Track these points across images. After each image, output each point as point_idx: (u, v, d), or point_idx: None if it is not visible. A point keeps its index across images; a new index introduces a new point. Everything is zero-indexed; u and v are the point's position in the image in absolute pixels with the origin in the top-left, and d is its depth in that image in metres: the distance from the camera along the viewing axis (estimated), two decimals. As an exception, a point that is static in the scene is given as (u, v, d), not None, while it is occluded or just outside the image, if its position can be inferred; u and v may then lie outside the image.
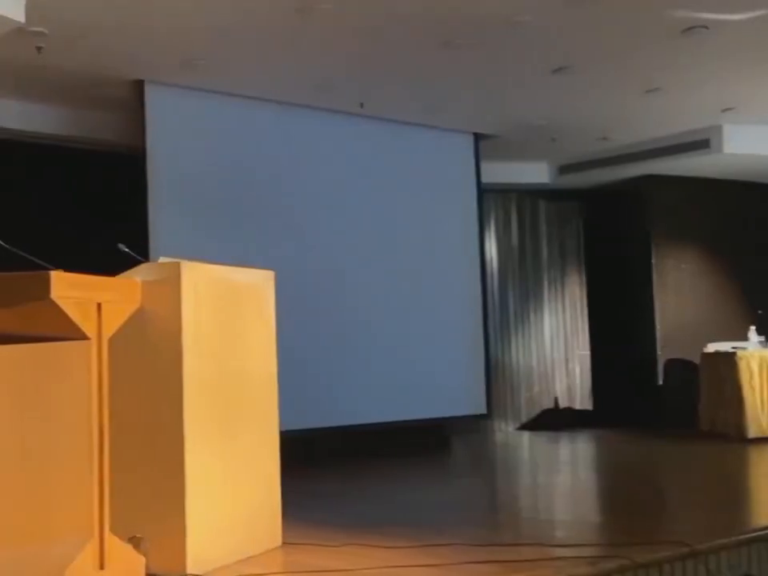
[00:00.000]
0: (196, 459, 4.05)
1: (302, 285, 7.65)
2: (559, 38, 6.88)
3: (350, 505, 5.97)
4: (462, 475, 7.80)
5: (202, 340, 4.15)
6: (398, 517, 5.42)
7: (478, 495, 6.61)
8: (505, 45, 6.97)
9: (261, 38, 6.71)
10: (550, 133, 9.51)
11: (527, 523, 5.39)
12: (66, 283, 3.48)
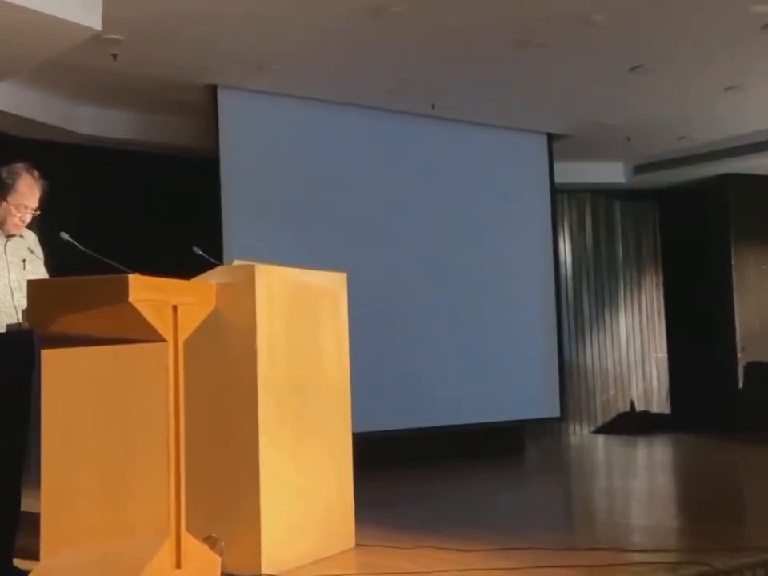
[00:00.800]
0: (270, 460, 4.09)
1: (374, 286, 7.67)
2: (636, 36, 6.79)
3: (424, 507, 5.97)
4: (536, 478, 7.76)
5: (276, 342, 4.20)
6: (472, 519, 5.42)
7: (553, 498, 6.57)
8: (580, 43, 6.90)
9: (334, 41, 6.76)
10: (625, 132, 9.38)
11: (603, 527, 5.35)
12: (144, 286, 3.56)
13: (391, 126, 8.54)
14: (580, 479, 7.86)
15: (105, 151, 8.33)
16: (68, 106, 7.87)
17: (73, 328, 3.61)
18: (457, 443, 8.65)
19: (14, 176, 4.00)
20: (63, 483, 3.64)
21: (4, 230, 4.01)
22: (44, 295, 3.66)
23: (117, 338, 3.63)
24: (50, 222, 4.16)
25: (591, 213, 11.27)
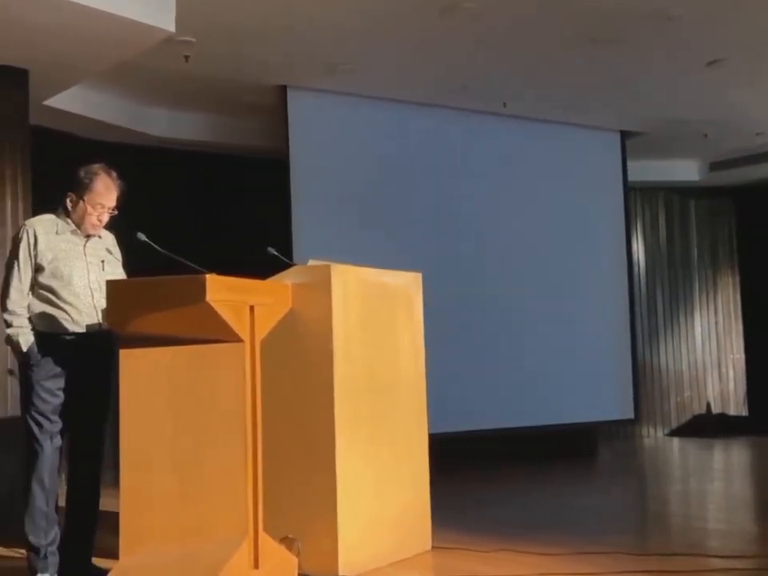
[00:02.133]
0: (347, 461, 4.09)
1: (445, 286, 7.62)
2: (714, 30, 6.66)
3: (499, 509, 5.94)
4: (610, 481, 7.66)
5: (352, 342, 4.20)
6: (547, 522, 5.37)
7: (628, 502, 6.49)
8: (656, 38, 6.80)
9: (404, 40, 6.75)
10: (701, 128, 9.22)
11: (679, 531, 5.27)
12: (221, 286, 3.58)
13: (462, 125, 8.51)
14: (655, 482, 7.75)
15: (176, 153, 8.45)
16: (139, 108, 7.99)
17: (150, 328, 3.65)
18: (529, 445, 8.59)
19: (91, 176, 4.06)
20: (142, 483, 3.67)
21: (82, 230, 4.07)
22: (122, 295, 3.70)
23: (194, 338, 3.66)
24: (124, 223, 4.21)
25: (665, 211, 11.12)
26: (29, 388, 3.94)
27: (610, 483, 7.48)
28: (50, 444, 3.94)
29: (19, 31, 5.43)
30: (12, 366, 5.47)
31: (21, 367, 4.00)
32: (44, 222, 4.06)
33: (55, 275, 3.95)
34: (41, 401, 3.92)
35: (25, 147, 6.13)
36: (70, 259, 4.00)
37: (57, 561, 3.95)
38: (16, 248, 3.99)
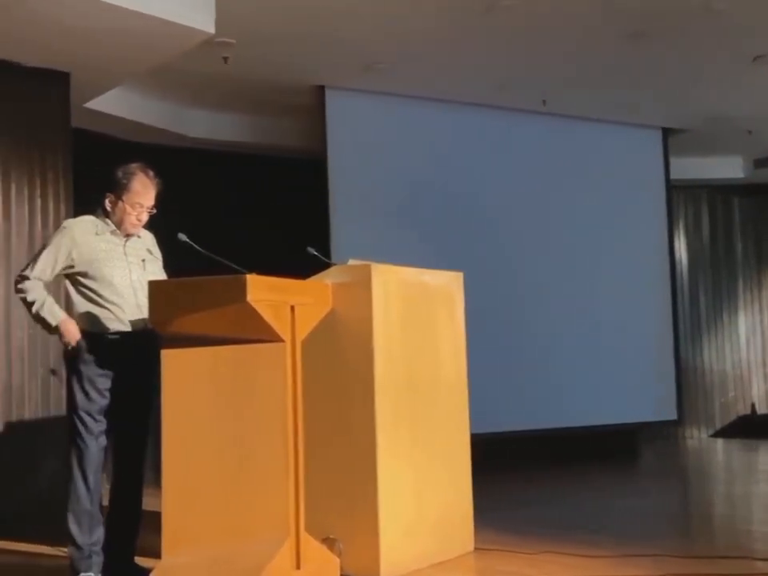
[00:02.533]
0: (388, 462, 4.09)
1: (484, 286, 7.59)
2: (760, 24, 6.58)
3: (542, 511, 5.90)
4: (652, 483, 7.58)
5: (392, 342, 4.20)
6: (590, 524, 5.33)
7: (671, 504, 6.42)
8: (699, 34, 6.74)
9: (443, 38, 6.74)
10: (745, 125, 9.11)
11: (724, 534, 5.21)
12: (262, 286, 3.59)
13: (501, 123, 8.49)
14: (699, 484, 7.67)
15: (214, 154, 8.51)
16: (178, 109, 8.05)
17: (192, 328, 3.67)
18: (570, 446, 8.54)
19: (129, 176, 4.08)
20: (184, 482, 3.70)
21: (122, 230, 4.10)
22: (164, 296, 3.73)
23: (235, 338, 3.68)
24: (164, 224, 4.24)
25: (708, 209, 11.02)
26: (75, 387, 3.97)
27: (653, 485, 7.40)
28: (95, 444, 3.97)
29: (61, 35, 5.50)
30: (55, 365, 5.54)
31: (67, 366, 4.03)
32: (83, 223, 4.09)
33: (97, 276, 3.99)
34: (88, 401, 3.96)
35: (66, 150, 6.21)
36: (110, 260, 4.03)
37: (101, 560, 3.98)
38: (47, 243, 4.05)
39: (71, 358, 4.00)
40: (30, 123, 6.01)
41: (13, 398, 5.76)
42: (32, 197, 5.99)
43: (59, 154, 6.14)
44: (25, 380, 5.81)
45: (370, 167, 7.91)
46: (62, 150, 6.15)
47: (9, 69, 5.85)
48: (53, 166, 6.10)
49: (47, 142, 6.09)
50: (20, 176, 5.94)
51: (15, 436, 5.71)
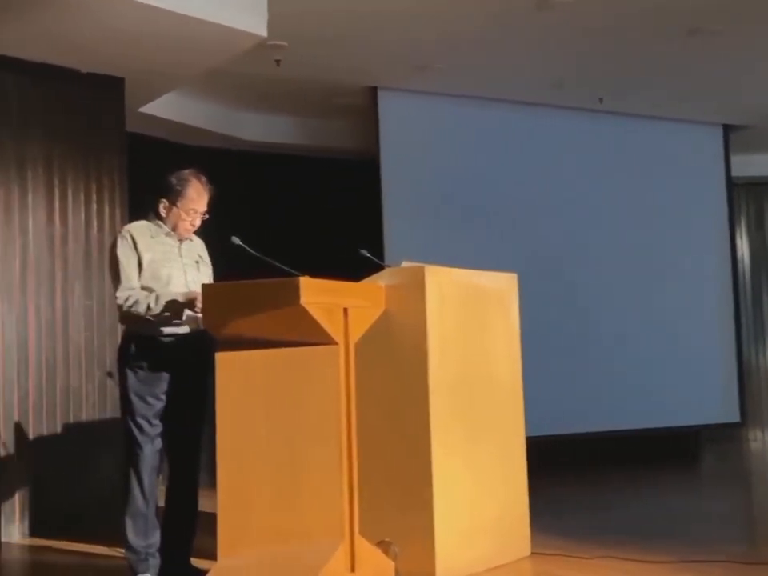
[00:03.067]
0: (443, 465, 4.09)
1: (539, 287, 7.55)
2: (821, 16, 6.48)
3: (600, 515, 5.86)
4: (714, 486, 7.50)
5: (447, 344, 4.19)
6: (650, 528, 5.28)
7: (734, 507, 6.33)
8: (760, 27, 6.62)
9: (497, 37, 6.71)
10: (809, 119, 8.97)
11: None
12: (315, 289, 3.61)
13: (556, 123, 8.44)
14: (762, 488, 7.55)
15: (267, 156, 8.57)
16: (231, 112, 8.12)
17: (245, 331, 3.70)
18: (628, 449, 8.44)
19: (182, 182, 4.14)
20: (239, 484, 3.73)
21: (176, 235, 4.16)
22: (217, 298, 3.76)
23: (288, 340, 3.70)
24: (216, 227, 4.28)
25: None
26: (130, 391, 4.02)
27: (716, 488, 7.31)
28: (150, 447, 4.02)
29: (115, 41, 5.58)
30: (111, 367, 5.63)
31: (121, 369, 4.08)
32: (139, 227, 4.15)
33: (155, 276, 4.04)
34: (144, 404, 4.01)
35: (121, 154, 6.30)
36: (167, 261, 4.09)
37: (157, 563, 4.03)
38: (115, 255, 4.06)
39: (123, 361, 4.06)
40: (85, 129, 6.12)
41: (71, 400, 5.86)
42: (88, 201, 6.09)
43: (114, 159, 6.23)
44: (82, 382, 5.92)
45: (422, 168, 7.91)
46: (117, 154, 6.25)
47: (65, 75, 5.95)
48: (108, 171, 6.20)
49: (103, 146, 6.18)
50: (76, 181, 6.04)
51: (73, 437, 5.81)
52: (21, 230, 5.76)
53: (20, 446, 5.61)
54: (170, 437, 4.11)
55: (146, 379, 4.02)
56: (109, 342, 5.91)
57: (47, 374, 5.77)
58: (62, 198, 5.96)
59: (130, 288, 4.00)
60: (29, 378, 5.69)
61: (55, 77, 5.91)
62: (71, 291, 5.94)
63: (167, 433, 4.09)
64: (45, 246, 5.86)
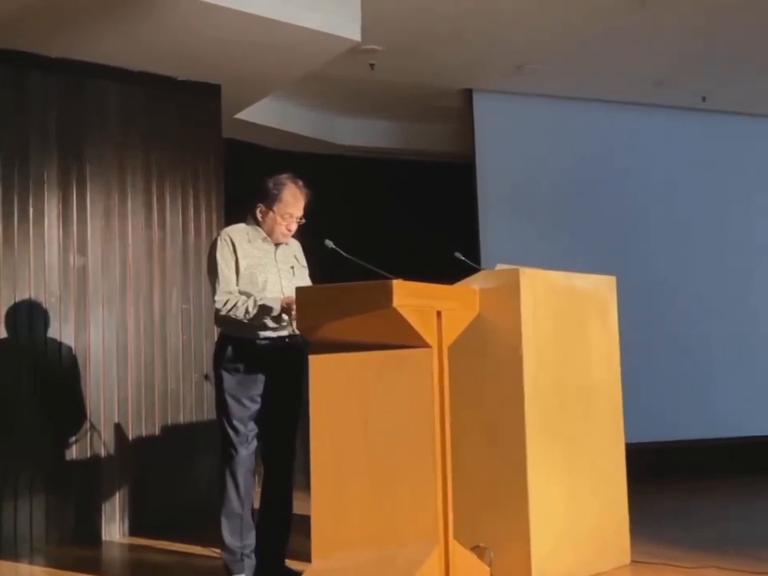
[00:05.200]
0: (539, 471, 4.07)
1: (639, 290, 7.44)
2: None
3: (704, 523, 5.75)
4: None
5: (542, 348, 4.18)
6: (757, 538, 5.17)
7: None
8: None
9: (597, 36, 6.65)
10: None
11: None
12: (408, 292, 3.64)
13: (657, 122, 8.32)
14: None
15: (361, 160, 8.66)
16: (325, 117, 8.25)
17: (338, 334, 3.75)
18: (738, 456, 8.24)
19: (279, 186, 4.21)
20: (333, 487, 3.77)
21: (272, 239, 4.23)
22: (311, 301, 3.81)
23: (381, 343, 3.73)
24: (310, 231, 4.34)
25: None
26: (226, 394, 4.11)
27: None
28: (245, 450, 4.10)
29: (212, 49, 5.71)
30: (208, 370, 5.76)
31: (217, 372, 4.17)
32: (236, 231, 4.24)
33: (252, 281, 4.12)
34: (240, 407, 4.09)
35: (218, 160, 6.43)
36: (263, 266, 4.17)
37: (253, 564, 4.11)
38: (214, 258, 4.15)
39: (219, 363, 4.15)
40: (183, 135, 6.26)
41: (169, 403, 6.01)
42: (185, 206, 6.24)
43: (211, 165, 6.37)
44: (180, 385, 6.06)
45: (519, 170, 7.89)
46: (213, 160, 6.39)
47: (163, 83, 6.11)
48: (205, 176, 6.34)
49: (200, 153, 6.32)
50: (174, 186, 6.20)
51: (171, 439, 5.95)
52: (120, 236, 5.94)
53: (120, 448, 5.78)
54: (265, 439, 4.19)
55: (242, 381, 4.10)
56: (206, 346, 6.04)
57: (146, 377, 5.93)
58: (159, 204, 6.12)
59: (229, 292, 4.09)
60: (128, 381, 5.86)
61: (153, 85, 6.08)
62: (169, 295, 6.10)
63: (262, 435, 4.16)
64: (143, 252, 6.02)
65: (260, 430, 4.15)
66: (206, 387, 5.96)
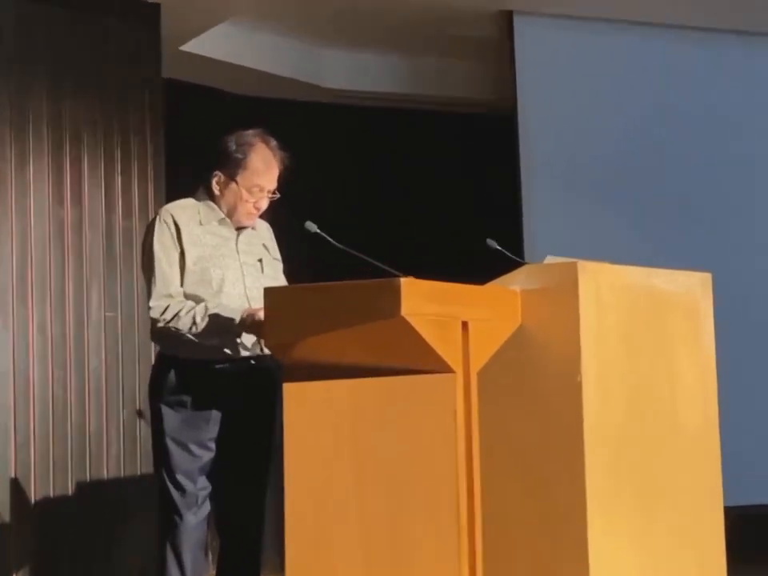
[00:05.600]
0: (604, 543, 4.04)
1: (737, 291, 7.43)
2: None
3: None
4: None
5: (609, 373, 4.15)
6: None
7: None
8: None
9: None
10: None
11: None
12: (422, 295, 3.62)
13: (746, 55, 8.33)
14: None
15: (356, 110, 8.65)
16: (308, 51, 8.23)
17: (324, 353, 3.75)
18: None
19: (245, 148, 4.19)
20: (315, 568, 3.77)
21: (234, 221, 4.21)
22: (285, 308, 3.79)
23: (384, 367, 3.74)
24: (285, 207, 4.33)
25: None
26: (168, 437, 4.11)
27: None
28: (193, 516, 4.11)
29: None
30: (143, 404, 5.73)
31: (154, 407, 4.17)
32: (183, 209, 4.23)
33: (203, 279, 4.12)
34: (187, 455, 4.10)
35: (157, 110, 6.42)
36: (220, 258, 4.17)
37: None
38: (150, 247, 4.15)
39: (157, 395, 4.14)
40: (108, 74, 6.24)
41: (89, 448, 5.99)
42: (110, 173, 6.21)
43: (147, 116, 6.36)
44: (103, 425, 6.05)
45: (576, 122, 7.93)
46: (150, 109, 6.37)
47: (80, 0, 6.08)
48: (138, 132, 6.31)
49: (131, 99, 6.31)
50: (94, 145, 6.18)
51: (93, 501, 5.95)
52: (18, 214, 5.90)
53: (19, 513, 5.76)
54: (223, 501, 4.18)
55: (189, 420, 4.10)
56: (139, 370, 6.04)
57: (55, 414, 5.92)
58: (74, 169, 6.11)
59: (169, 295, 4.08)
60: (30, 421, 5.84)
61: (64, 2, 6.04)
62: (87, 299, 6.07)
63: (218, 495, 4.16)
64: (51, 237, 6.00)
65: (214, 488, 4.15)
66: (140, 428, 5.95)
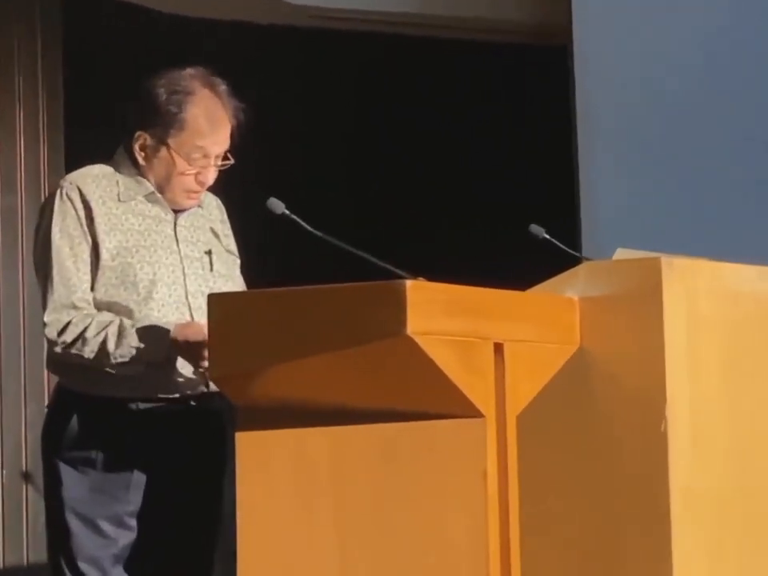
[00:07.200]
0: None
1: None
2: None
3: None
4: None
5: (705, 414, 4.17)
6: None
7: None
8: None
9: None
10: None
11: None
12: (435, 304, 3.63)
13: None
14: None
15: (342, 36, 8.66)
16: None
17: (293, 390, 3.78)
18: None
19: (180, 97, 4.20)
20: None
21: (168, 199, 4.20)
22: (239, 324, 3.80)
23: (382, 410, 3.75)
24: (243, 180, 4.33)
25: None
26: (67, 512, 4.12)
27: None
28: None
29: None
30: (31, 463, 5.74)
31: (48, 467, 4.16)
32: (96, 179, 4.24)
33: (125, 280, 4.13)
34: (93, 536, 4.11)
35: (53, 35, 6.43)
36: (149, 248, 4.18)
37: None
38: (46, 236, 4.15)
39: (54, 449, 4.13)
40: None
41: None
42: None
43: (37, 43, 6.37)
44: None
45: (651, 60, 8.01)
46: (43, 34, 6.39)
47: None
48: (26, 67, 6.33)
49: (14, 20, 6.33)
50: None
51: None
52: None
53: None
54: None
55: (101, 486, 4.12)
56: (27, 412, 6.04)
57: None
58: None
59: (71, 305, 4.09)
60: None
61: None
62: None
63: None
64: None
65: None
66: (28, 496, 5.96)
